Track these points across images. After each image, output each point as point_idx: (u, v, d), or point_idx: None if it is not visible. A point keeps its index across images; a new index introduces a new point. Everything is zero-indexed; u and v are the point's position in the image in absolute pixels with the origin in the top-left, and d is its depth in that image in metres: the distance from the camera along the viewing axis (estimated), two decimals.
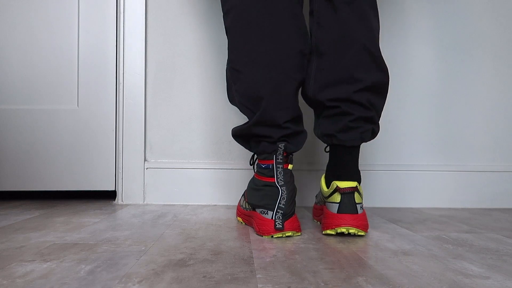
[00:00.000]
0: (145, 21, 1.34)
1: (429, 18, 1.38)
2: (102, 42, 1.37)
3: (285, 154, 0.91)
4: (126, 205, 1.30)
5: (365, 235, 0.90)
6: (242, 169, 1.34)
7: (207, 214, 1.16)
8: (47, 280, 0.59)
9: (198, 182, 1.33)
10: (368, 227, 0.90)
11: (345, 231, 0.88)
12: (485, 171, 1.37)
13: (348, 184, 0.89)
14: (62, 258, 0.70)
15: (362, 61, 0.90)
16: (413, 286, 0.59)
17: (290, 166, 0.91)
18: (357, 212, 0.88)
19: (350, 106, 0.90)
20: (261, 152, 0.92)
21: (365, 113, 0.91)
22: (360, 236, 0.90)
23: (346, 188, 0.89)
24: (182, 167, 1.33)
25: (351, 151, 0.92)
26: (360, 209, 0.89)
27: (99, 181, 1.37)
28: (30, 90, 1.36)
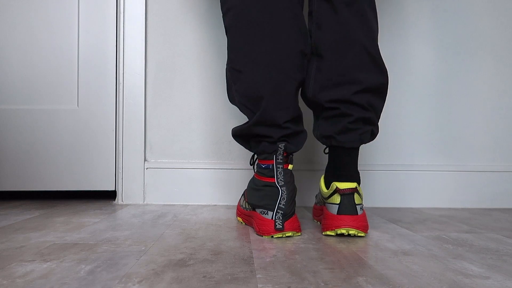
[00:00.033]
0: (145, 21, 1.34)
1: (429, 18, 1.38)
2: (102, 42, 1.37)
3: (285, 154, 0.91)
4: (126, 205, 1.30)
5: (365, 236, 0.90)
6: (242, 169, 1.34)
7: (207, 214, 1.16)
8: (47, 280, 0.59)
9: (198, 182, 1.33)
10: (368, 228, 0.90)
11: (345, 232, 0.88)
12: (485, 171, 1.37)
13: (347, 185, 0.89)
14: (62, 258, 0.70)
15: (362, 62, 0.90)
16: (413, 286, 0.59)
17: (290, 166, 0.91)
18: (357, 213, 0.88)
19: (349, 108, 0.90)
20: (261, 152, 0.92)
21: (364, 114, 0.91)
22: (360, 236, 0.90)
23: (346, 189, 0.89)
24: (182, 167, 1.33)
25: (350, 153, 0.92)
26: (360, 210, 0.89)
27: (99, 181, 1.37)
28: (30, 90, 1.36)
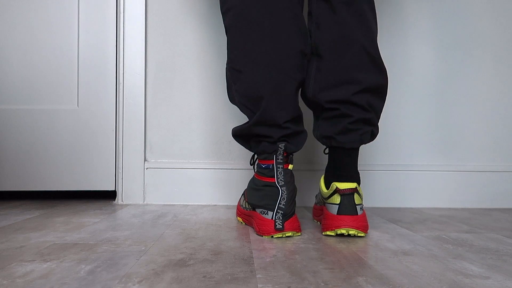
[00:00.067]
0: (145, 21, 1.34)
1: (428, 18, 1.38)
2: (102, 42, 1.37)
3: (285, 154, 0.91)
4: (126, 205, 1.30)
5: (365, 236, 0.90)
6: (242, 169, 1.34)
7: (207, 214, 1.16)
8: (47, 280, 0.59)
9: (198, 182, 1.33)
10: (368, 228, 0.90)
11: (345, 233, 0.88)
12: (485, 171, 1.37)
13: (347, 185, 0.89)
14: (62, 258, 0.70)
15: (361, 62, 0.90)
16: (413, 286, 0.59)
17: (291, 166, 0.91)
18: (357, 213, 0.88)
19: (349, 108, 0.90)
20: (261, 152, 0.92)
21: (364, 115, 0.91)
22: (360, 237, 0.90)
23: (346, 189, 0.89)
24: (182, 167, 1.33)
25: (350, 153, 0.92)
26: (360, 210, 0.89)
27: (99, 181, 1.37)
28: (30, 90, 1.36)
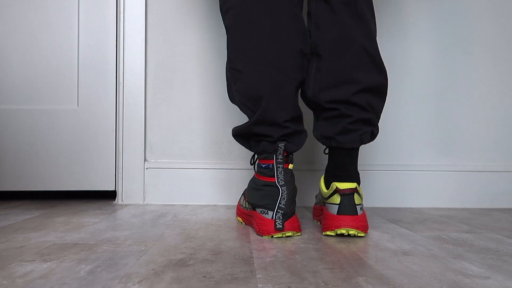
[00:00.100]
0: (145, 21, 1.34)
1: (428, 18, 1.38)
2: (102, 42, 1.37)
3: (285, 154, 0.91)
4: (126, 205, 1.30)
5: (365, 236, 0.90)
6: (242, 169, 1.34)
7: (207, 214, 1.16)
8: (47, 280, 0.59)
9: (198, 182, 1.33)
10: (368, 228, 0.90)
11: (345, 233, 0.88)
12: (485, 171, 1.37)
13: (347, 185, 0.89)
14: (62, 258, 0.70)
15: (361, 62, 0.90)
16: (413, 286, 0.59)
17: (291, 166, 0.91)
18: (357, 213, 0.88)
19: (349, 108, 0.90)
20: (261, 151, 0.92)
21: (364, 115, 0.91)
22: (360, 237, 0.90)
23: (346, 189, 0.89)
24: (182, 167, 1.33)
25: (350, 153, 0.92)
26: (360, 210, 0.89)
27: (99, 181, 1.37)
28: (30, 90, 1.36)
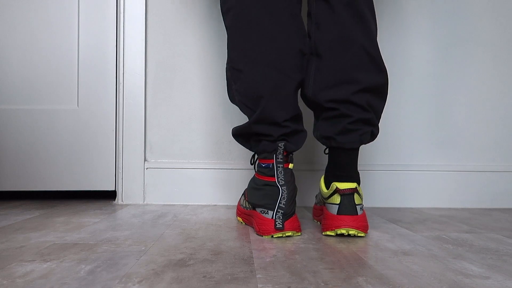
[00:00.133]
0: (145, 21, 1.34)
1: (428, 18, 1.38)
2: (102, 42, 1.37)
3: (285, 153, 0.91)
4: (126, 205, 1.30)
5: (365, 236, 0.90)
6: (242, 169, 1.34)
7: (207, 214, 1.16)
8: (47, 280, 0.59)
9: (198, 182, 1.33)
10: (368, 228, 0.90)
11: (345, 233, 0.88)
12: (485, 171, 1.37)
13: (347, 185, 0.89)
14: (62, 258, 0.70)
15: (361, 62, 0.90)
16: (413, 286, 0.59)
17: (291, 166, 0.91)
18: (357, 213, 0.88)
19: (349, 108, 0.90)
20: (261, 151, 0.92)
21: (364, 115, 0.91)
22: (360, 237, 0.90)
23: (346, 189, 0.89)
24: (182, 167, 1.33)
25: (350, 153, 0.92)
26: (360, 210, 0.89)
27: (99, 181, 1.37)
28: (30, 90, 1.36)
